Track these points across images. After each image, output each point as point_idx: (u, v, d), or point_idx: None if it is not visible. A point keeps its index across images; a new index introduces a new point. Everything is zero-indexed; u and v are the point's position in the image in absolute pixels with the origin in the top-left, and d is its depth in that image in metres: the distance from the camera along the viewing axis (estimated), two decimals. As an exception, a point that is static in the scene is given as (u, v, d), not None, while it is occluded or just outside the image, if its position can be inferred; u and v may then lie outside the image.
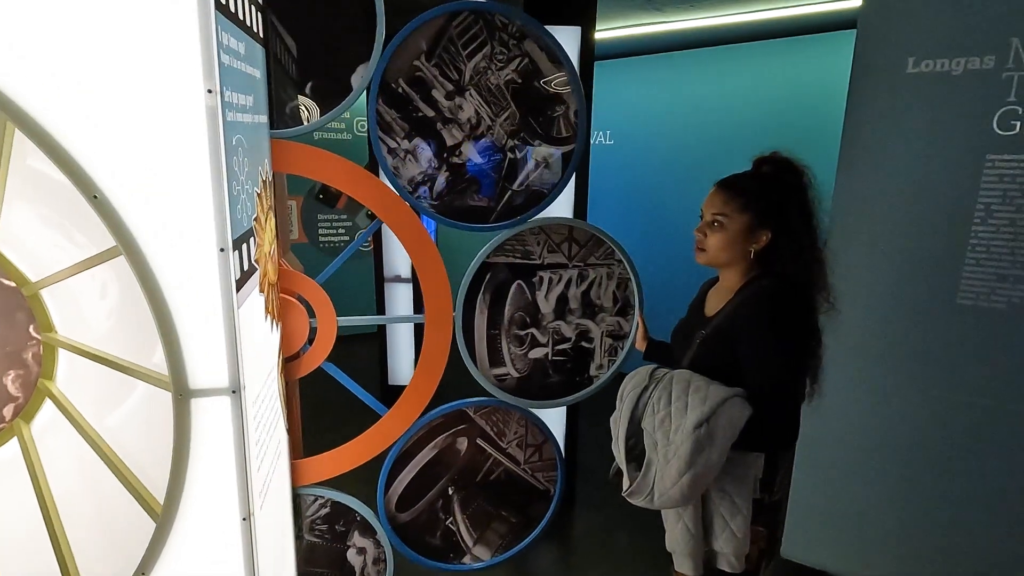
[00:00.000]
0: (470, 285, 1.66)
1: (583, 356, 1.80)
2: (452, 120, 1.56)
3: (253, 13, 1.20)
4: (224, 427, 1.03)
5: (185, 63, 0.89)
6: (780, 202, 1.22)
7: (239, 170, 1.05)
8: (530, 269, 1.70)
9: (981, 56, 1.84)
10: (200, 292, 0.97)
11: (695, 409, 1.13)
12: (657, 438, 1.18)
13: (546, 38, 1.54)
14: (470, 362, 1.70)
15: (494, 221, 1.64)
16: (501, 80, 1.55)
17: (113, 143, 0.90)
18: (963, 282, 1.94)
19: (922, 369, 2.04)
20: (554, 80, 1.59)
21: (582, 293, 1.75)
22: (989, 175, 1.87)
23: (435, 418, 1.73)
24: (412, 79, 1.51)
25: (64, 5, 0.85)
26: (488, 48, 1.52)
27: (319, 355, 1.56)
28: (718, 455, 1.12)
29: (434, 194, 1.60)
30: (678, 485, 1.13)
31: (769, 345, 1.17)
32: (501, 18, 1.51)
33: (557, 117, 1.62)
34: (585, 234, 1.70)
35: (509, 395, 1.75)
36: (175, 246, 0.94)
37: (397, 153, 1.55)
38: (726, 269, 1.30)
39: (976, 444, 1.99)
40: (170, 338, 0.97)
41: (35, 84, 0.86)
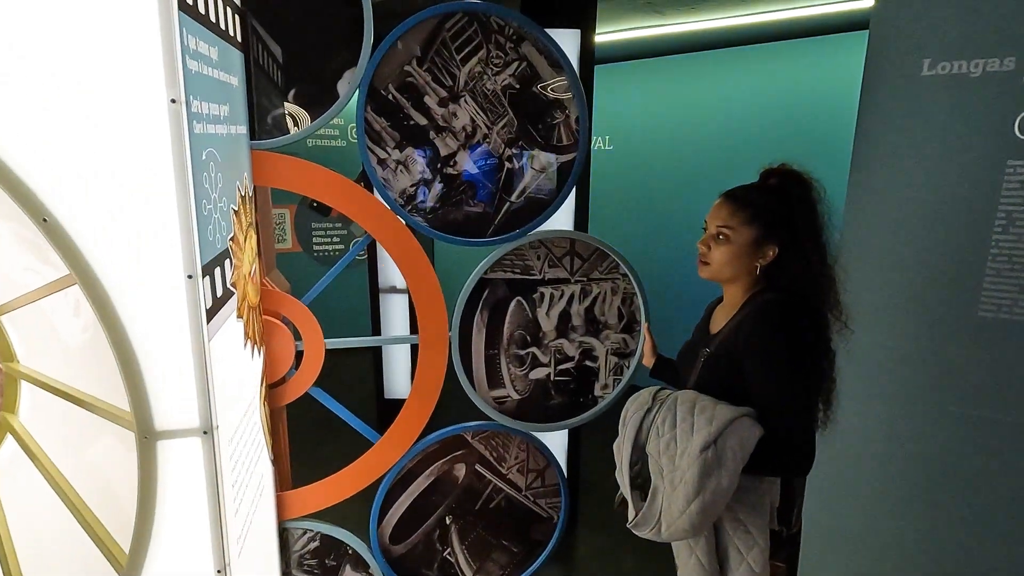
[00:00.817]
0: (467, 303, 1.57)
1: (587, 376, 1.71)
2: (446, 128, 1.47)
3: (229, 15, 1.11)
4: (195, 472, 0.93)
5: (146, 71, 0.80)
6: (788, 216, 1.15)
7: (211, 187, 0.95)
8: (530, 285, 1.61)
9: (1000, 57, 1.76)
10: (166, 323, 0.87)
11: (701, 430, 1.05)
12: (663, 463, 1.10)
13: (545, 40, 1.46)
14: (467, 385, 1.61)
15: (492, 235, 1.55)
16: (498, 85, 1.47)
17: (65, 160, 0.80)
18: (984, 294, 1.86)
19: (942, 385, 1.95)
20: (554, 85, 1.50)
21: (585, 309, 1.66)
22: (1010, 182, 1.79)
23: (431, 444, 1.63)
24: (403, 85, 1.42)
25: (9, 10, 0.75)
26: (484, 52, 1.44)
27: (306, 380, 1.47)
28: (728, 480, 1.03)
29: (428, 207, 1.50)
30: (686, 514, 1.04)
31: (775, 359, 1.09)
32: (497, 20, 1.42)
33: (557, 124, 1.53)
34: (588, 247, 1.62)
35: (509, 418, 1.66)
36: (137, 273, 0.85)
37: (387, 164, 1.46)
38: (730, 285, 1.23)
39: (999, 463, 1.90)
40: (133, 375, 0.87)
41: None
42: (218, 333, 0.97)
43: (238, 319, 1.11)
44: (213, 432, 0.93)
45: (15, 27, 0.76)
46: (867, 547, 2.14)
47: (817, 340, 1.15)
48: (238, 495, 1.07)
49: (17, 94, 0.78)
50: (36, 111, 0.78)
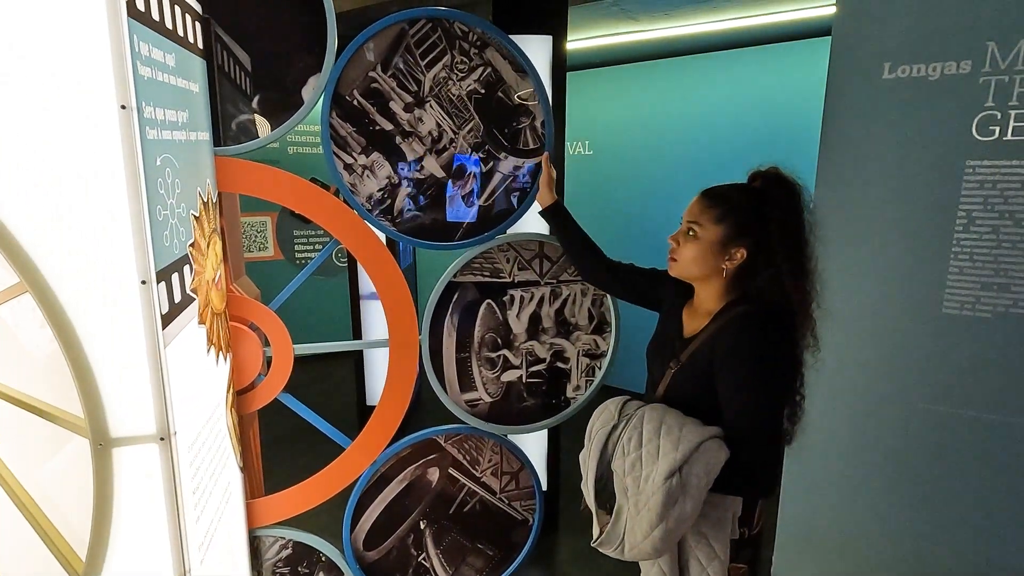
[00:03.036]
0: (437, 306, 1.57)
1: (559, 377, 1.71)
2: (412, 133, 1.48)
3: (188, 22, 1.11)
4: (152, 478, 0.92)
5: (95, 77, 0.80)
6: (761, 219, 1.10)
7: (167, 192, 0.95)
8: (500, 288, 1.62)
9: (958, 61, 1.80)
10: (120, 329, 0.87)
11: (667, 455, 1.02)
12: (627, 483, 1.08)
13: (508, 46, 1.47)
14: (439, 388, 1.61)
15: (460, 238, 1.56)
16: (463, 91, 1.48)
17: (14, 166, 0.80)
18: (947, 291, 1.90)
19: (909, 383, 1.99)
20: (519, 90, 1.52)
21: (556, 311, 1.67)
22: (970, 181, 1.83)
23: (403, 448, 1.63)
24: (368, 91, 1.43)
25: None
26: (448, 57, 1.45)
27: (275, 386, 1.46)
28: (692, 506, 1.02)
29: (395, 211, 1.51)
30: (649, 539, 1.03)
31: (750, 383, 1.06)
32: (460, 26, 1.44)
33: (523, 128, 1.55)
34: (557, 250, 1.63)
35: (482, 421, 1.66)
36: (90, 280, 0.85)
37: (354, 169, 1.46)
38: (700, 286, 1.20)
39: (969, 460, 1.93)
40: (86, 382, 0.87)
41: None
42: (176, 339, 0.97)
43: (200, 325, 1.11)
44: (170, 438, 0.92)
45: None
46: (840, 547, 2.16)
47: (788, 358, 1.12)
48: (200, 502, 1.06)
49: (-37, 101, 0.77)
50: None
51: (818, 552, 2.19)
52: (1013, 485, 1.86)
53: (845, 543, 2.15)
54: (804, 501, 2.16)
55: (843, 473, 2.10)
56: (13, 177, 0.80)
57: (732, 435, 1.06)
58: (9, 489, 0.99)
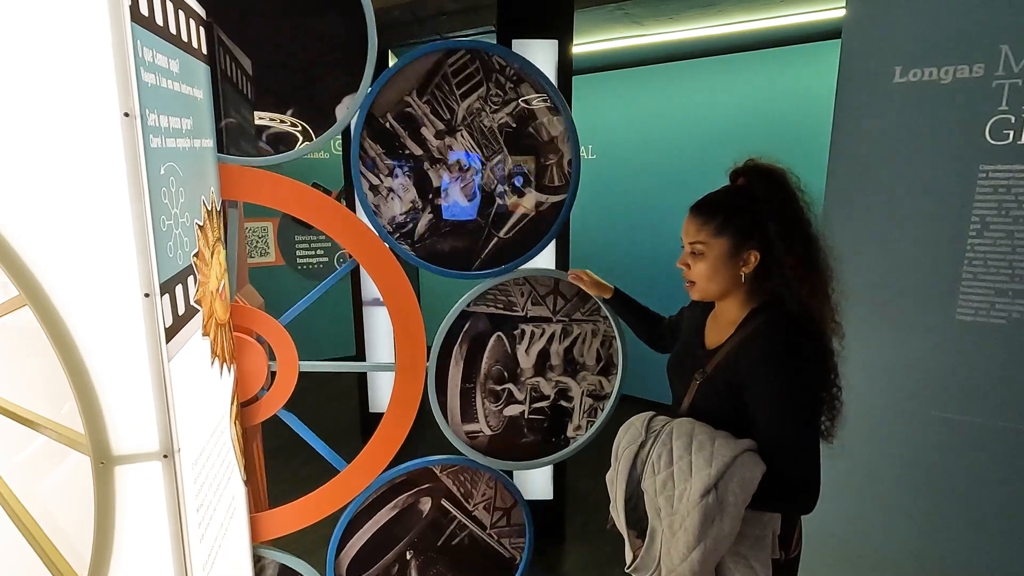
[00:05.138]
0: (447, 334, 1.56)
1: (561, 416, 1.70)
2: (440, 160, 1.48)
3: (192, 27, 1.09)
4: (156, 497, 0.89)
5: (97, 84, 0.78)
6: (759, 216, 1.05)
7: (171, 202, 0.93)
8: (512, 321, 1.61)
9: (970, 64, 1.78)
10: (123, 344, 0.84)
11: (700, 472, 0.98)
12: (660, 504, 1.03)
13: (544, 83, 1.48)
14: (441, 417, 1.59)
15: (477, 268, 1.55)
16: (495, 123, 1.48)
17: (14, 176, 0.77)
18: (961, 297, 1.87)
19: (923, 391, 1.96)
20: (552, 130, 1.52)
21: (564, 349, 1.66)
22: (983, 186, 1.80)
23: (399, 475, 1.59)
24: (401, 115, 1.43)
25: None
26: (484, 89, 1.46)
27: (279, 399, 1.43)
28: (730, 525, 0.97)
29: (415, 236, 1.50)
30: (687, 561, 0.98)
31: (780, 392, 1.01)
32: (499, 59, 1.44)
33: (550, 165, 1.54)
34: (571, 288, 1.61)
35: (480, 454, 1.63)
36: (90, 293, 0.82)
37: (379, 191, 1.46)
38: (723, 299, 1.13)
39: (985, 468, 1.90)
40: (88, 398, 0.84)
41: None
42: (180, 352, 0.94)
43: (204, 337, 1.08)
44: (174, 455, 0.89)
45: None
46: (858, 555, 2.13)
47: (819, 357, 1.05)
48: (204, 519, 1.04)
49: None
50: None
51: (836, 559, 2.15)
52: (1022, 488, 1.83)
53: (863, 550, 2.12)
54: (821, 508, 2.12)
55: (859, 480, 2.07)
56: (12, 186, 0.78)
57: (767, 448, 1.01)
58: (8, 506, 0.96)
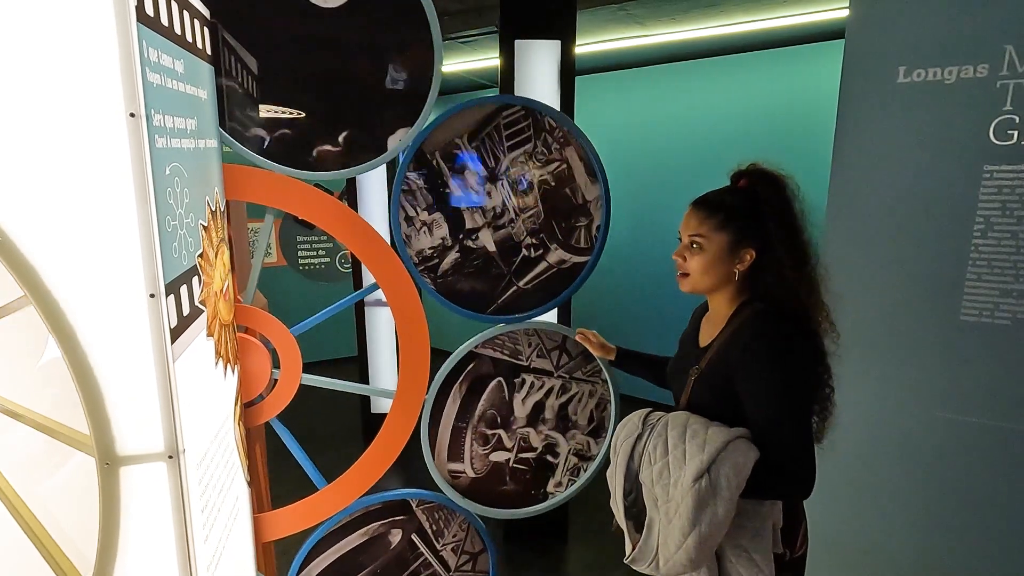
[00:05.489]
0: (450, 371, 1.58)
1: (544, 470, 1.72)
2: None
3: (196, 27, 1.09)
4: (161, 498, 0.89)
5: (103, 84, 0.77)
6: (760, 217, 1.10)
7: (175, 202, 0.93)
8: (515, 369, 1.64)
9: (975, 64, 1.77)
10: (128, 345, 0.84)
11: (693, 458, 1.00)
12: (656, 493, 1.05)
13: (588, 150, 1.54)
14: (428, 452, 1.60)
15: (491, 312, 1.58)
16: (535, 178, 1.53)
17: (18, 177, 0.77)
18: (965, 298, 1.86)
19: (927, 391, 1.95)
20: (587, 193, 1.59)
21: (560, 405, 1.69)
22: (988, 186, 1.80)
23: (374, 504, 1.59)
24: (447, 154, 1.48)
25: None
26: (531, 145, 1.51)
27: (283, 398, 1.43)
28: (725, 509, 0.98)
29: (439, 271, 1.54)
30: (683, 548, 0.99)
31: (768, 376, 1.04)
32: (551, 120, 1.50)
33: (580, 227, 1.60)
34: (577, 347, 1.65)
35: (459, 495, 1.64)
36: (96, 293, 0.82)
37: (413, 223, 1.49)
38: (714, 295, 1.18)
39: (983, 467, 1.90)
40: (93, 399, 0.84)
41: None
42: (185, 353, 0.94)
43: (208, 338, 1.08)
44: (179, 456, 0.89)
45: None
46: (862, 554, 2.13)
47: (809, 350, 1.10)
48: (209, 520, 1.03)
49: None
50: None
51: (839, 558, 2.15)
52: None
53: (867, 549, 2.12)
54: (825, 508, 2.12)
55: (863, 480, 2.07)
56: (17, 186, 0.77)
57: (760, 434, 1.04)
58: (11, 507, 0.96)
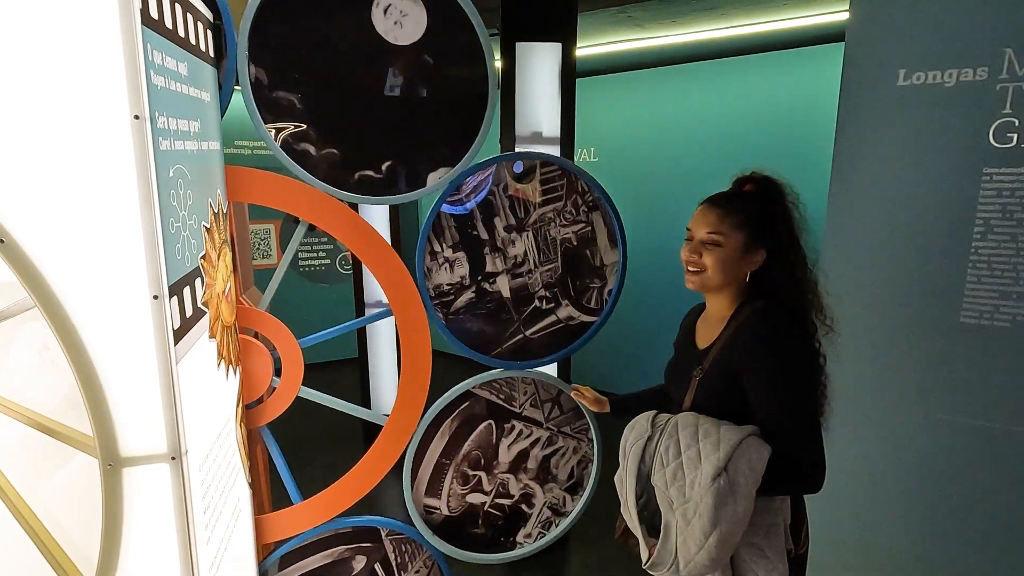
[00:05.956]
0: (444, 407, 1.60)
1: (517, 518, 1.74)
2: (500, 250, 1.56)
3: (200, 30, 1.09)
4: (163, 499, 0.89)
5: (108, 86, 0.78)
6: (771, 220, 1.13)
7: (179, 204, 0.93)
8: (507, 414, 1.66)
9: (974, 67, 1.78)
10: (131, 346, 0.85)
11: (709, 457, 1.00)
12: (671, 495, 1.04)
13: (614, 217, 1.59)
14: (408, 483, 1.60)
15: (495, 355, 1.61)
16: (559, 235, 1.58)
17: (23, 179, 0.78)
18: (965, 300, 1.87)
19: (928, 393, 1.96)
20: (606, 258, 1.64)
21: (544, 456, 1.71)
22: (987, 189, 1.81)
23: (345, 527, 1.59)
24: (483, 200, 1.52)
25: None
26: (561, 203, 1.56)
27: (284, 399, 1.43)
28: (744, 507, 0.99)
29: (452, 308, 1.57)
30: (705, 548, 0.99)
31: (776, 373, 1.06)
32: (584, 184, 1.55)
33: (593, 289, 1.64)
34: (570, 402, 1.68)
35: (430, 531, 1.64)
36: (100, 295, 0.82)
37: (437, 258, 1.53)
38: (716, 294, 1.18)
39: (983, 469, 1.90)
40: (96, 400, 0.84)
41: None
42: (187, 354, 0.94)
43: (210, 339, 1.09)
44: (182, 457, 0.89)
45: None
46: (863, 554, 2.13)
47: (810, 346, 1.13)
48: (211, 521, 1.03)
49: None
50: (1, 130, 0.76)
51: (840, 559, 2.15)
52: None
53: (867, 550, 2.12)
54: (825, 509, 2.12)
55: (864, 481, 2.07)
56: (20, 188, 0.78)
57: (772, 430, 1.05)
58: (14, 509, 0.96)
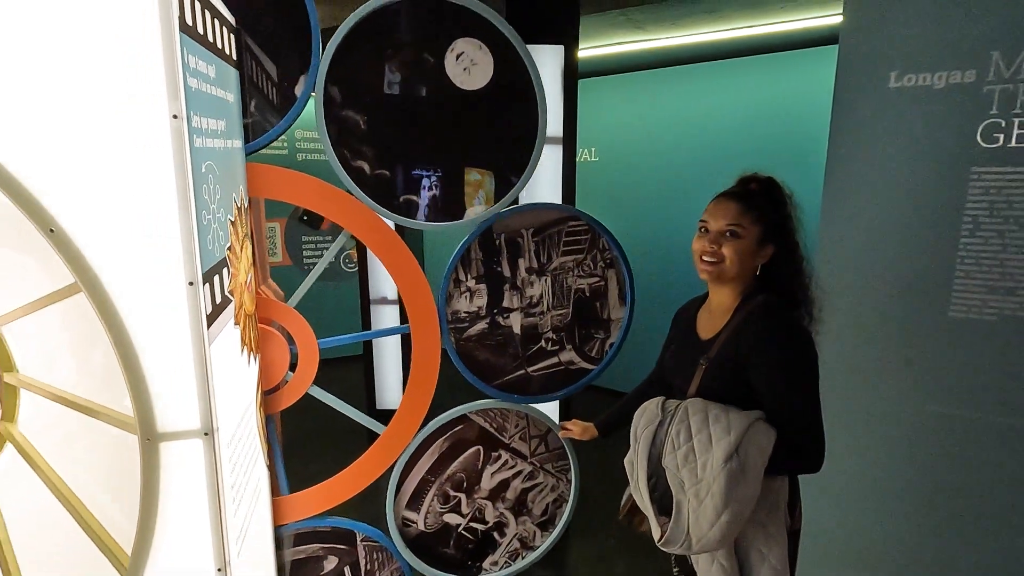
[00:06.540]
0: (440, 427, 1.68)
1: (487, 545, 1.80)
2: (519, 289, 1.65)
3: (225, 34, 1.16)
4: (196, 472, 0.96)
5: (148, 88, 0.84)
6: (780, 218, 1.20)
7: (210, 198, 1.00)
8: (495, 443, 1.74)
9: (963, 70, 1.85)
10: (169, 329, 0.91)
11: (720, 440, 1.07)
12: (683, 477, 1.11)
13: (627, 278, 1.69)
14: (392, 493, 1.67)
15: (496, 385, 1.69)
16: (574, 284, 1.67)
17: (71, 173, 0.84)
18: (954, 295, 1.93)
19: (919, 385, 2.02)
20: (612, 311, 1.74)
21: (523, 489, 1.79)
22: (975, 187, 1.87)
23: (324, 526, 1.65)
24: (510, 239, 1.61)
25: (22, 30, 0.80)
26: (581, 256, 1.66)
27: (300, 387, 1.50)
28: (753, 487, 1.06)
29: (464, 334, 1.65)
30: (717, 526, 1.06)
31: (784, 363, 1.13)
32: (605, 241, 1.65)
33: (597, 339, 1.74)
34: (556, 442, 1.77)
35: (403, 543, 1.71)
36: (140, 281, 0.89)
37: (460, 285, 1.61)
38: (723, 286, 1.23)
39: (972, 458, 1.96)
40: (136, 379, 0.91)
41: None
42: (217, 338, 1.01)
43: (235, 326, 1.15)
44: (214, 433, 0.96)
45: (27, 47, 0.80)
46: (854, 548, 2.19)
47: (809, 336, 1.17)
48: (237, 496, 1.10)
49: (28, 112, 0.82)
50: (45, 127, 0.83)
51: (830, 552, 2.21)
52: (1018, 483, 1.89)
53: (858, 539, 2.18)
54: (817, 500, 2.18)
55: (855, 471, 2.13)
56: (70, 183, 0.84)
57: (775, 416, 1.11)
58: (54, 487, 1.03)
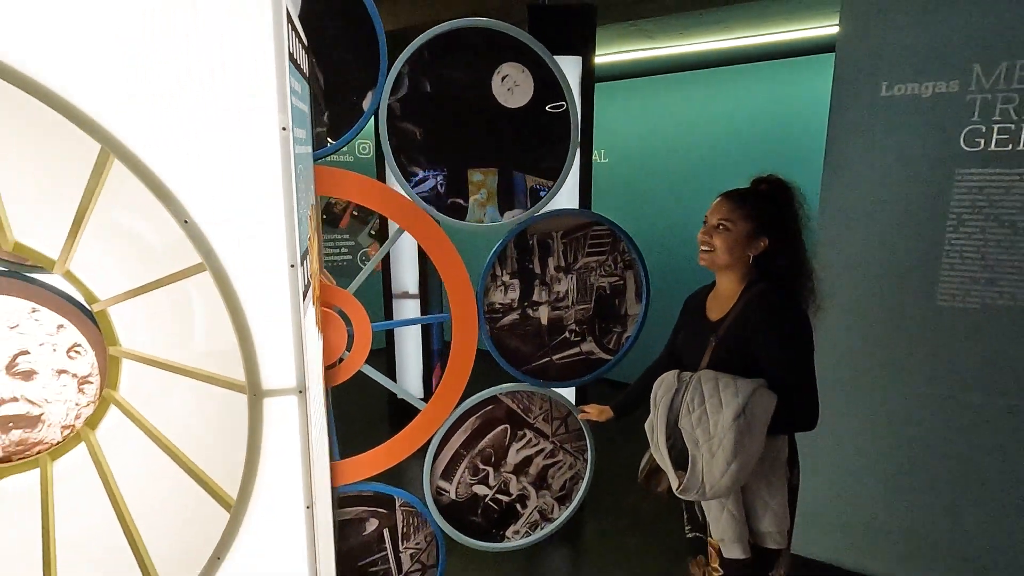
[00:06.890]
0: (472, 406, 1.86)
1: (509, 516, 1.97)
2: (547, 285, 1.83)
3: (303, 53, 1.35)
4: (291, 423, 1.15)
5: (264, 103, 1.03)
6: (777, 215, 1.40)
7: (299, 196, 1.19)
8: (522, 422, 1.91)
9: (947, 80, 2.03)
10: (273, 303, 1.10)
11: (730, 403, 1.28)
12: (698, 435, 1.32)
13: (643, 274, 1.87)
14: (428, 464, 1.85)
15: (524, 371, 1.87)
16: (596, 282, 1.85)
17: (201, 174, 1.03)
18: (940, 286, 2.11)
19: (906, 366, 2.19)
20: (629, 308, 1.91)
21: (544, 466, 1.96)
22: (959, 187, 2.05)
23: (368, 491, 1.83)
24: (543, 241, 1.80)
25: (171, 68, 0.99)
26: (603, 258, 1.84)
27: (355, 363, 1.69)
28: (758, 442, 1.27)
29: (496, 323, 1.83)
30: (727, 474, 1.27)
31: (783, 339, 1.34)
32: (626, 244, 1.83)
33: (615, 333, 1.91)
34: (576, 424, 1.95)
35: (436, 510, 1.89)
36: (253, 264, 1.08)
37: (496, 280, 1.80)
38: (725, 273, 1.45)
39: (959, 436, 2.14)
40: (247, 344, 1.10)
41: (142, 127, 1.00)
42: (306, 313, 1.20)
43: (312, 305, 1.34)
44: (307, 391, 1.15)
45: (177, 84, 1.00)
46: (844, 521, 2.36)
47: (806, 316, 1.39)
48: (316, 452, 1.29)
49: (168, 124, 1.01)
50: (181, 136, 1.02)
51: (825, 527, 2.38)
52: (999, 457, 2.06)
53: (851, 518, 2.35)
54: (810, 480, 2.35)
55: (848, 451, 2.31)
56: (201, 183, 1.04)
57: (776, 383, 1.31)
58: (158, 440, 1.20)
